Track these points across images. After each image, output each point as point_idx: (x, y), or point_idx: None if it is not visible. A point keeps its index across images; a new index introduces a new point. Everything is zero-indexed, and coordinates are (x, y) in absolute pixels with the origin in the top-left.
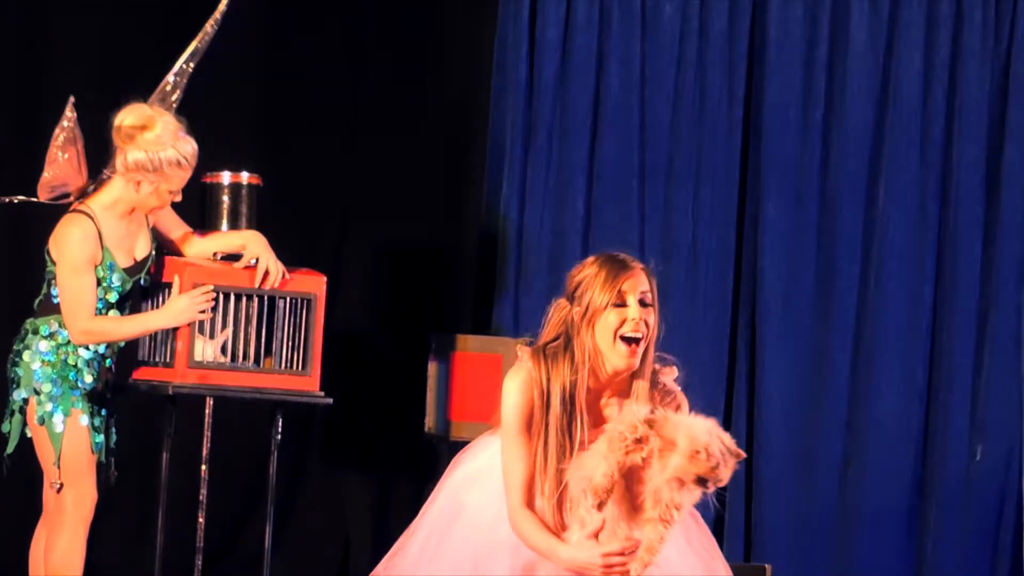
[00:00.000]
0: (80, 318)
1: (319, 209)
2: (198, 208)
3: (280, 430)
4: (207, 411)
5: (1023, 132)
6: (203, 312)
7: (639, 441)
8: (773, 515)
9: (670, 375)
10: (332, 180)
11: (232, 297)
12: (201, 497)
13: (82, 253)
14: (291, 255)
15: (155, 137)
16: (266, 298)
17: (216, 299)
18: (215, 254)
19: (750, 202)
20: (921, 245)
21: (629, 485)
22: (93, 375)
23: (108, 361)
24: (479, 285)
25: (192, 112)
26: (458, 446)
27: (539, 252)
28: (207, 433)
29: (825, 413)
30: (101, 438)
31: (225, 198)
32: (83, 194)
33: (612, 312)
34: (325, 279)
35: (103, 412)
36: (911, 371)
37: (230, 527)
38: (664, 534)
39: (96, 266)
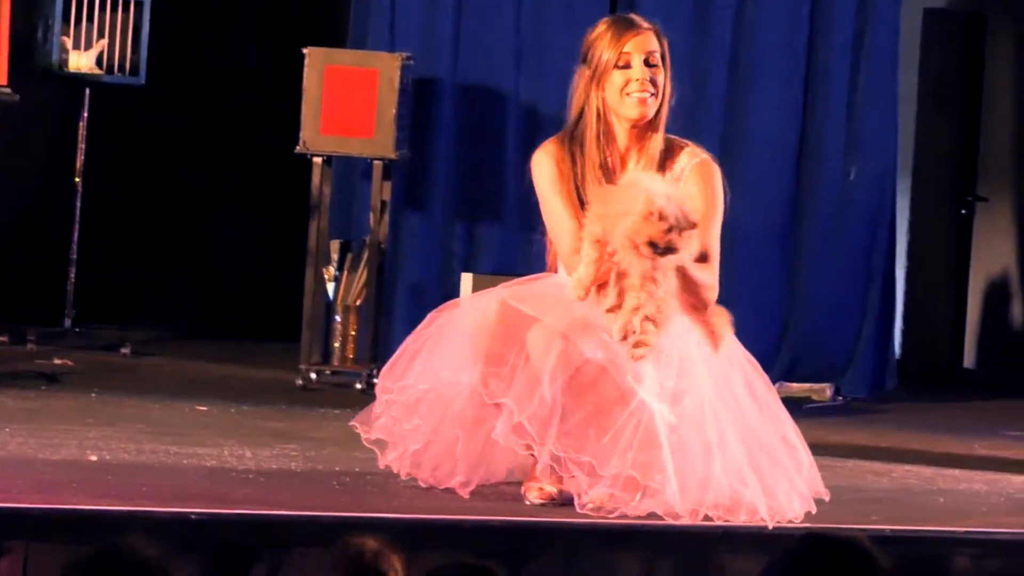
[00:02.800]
0: None
1: None
2: None
3: None
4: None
5: None
6: None
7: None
8: None
9: (699, 147)
10: None
11: None
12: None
13: None
14: None
15: None
16: None
17: None
18: None
19: None
20: None
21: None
22: None
23: None
24: None
25: None
26: (332, 161)
27: None
28: (82, 145)
29: (701, 129)
30: None
31: None
32: None
33: (617, 73)
34: None
35: None
36: (787, 89)
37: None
38: (641, 298)
39: None
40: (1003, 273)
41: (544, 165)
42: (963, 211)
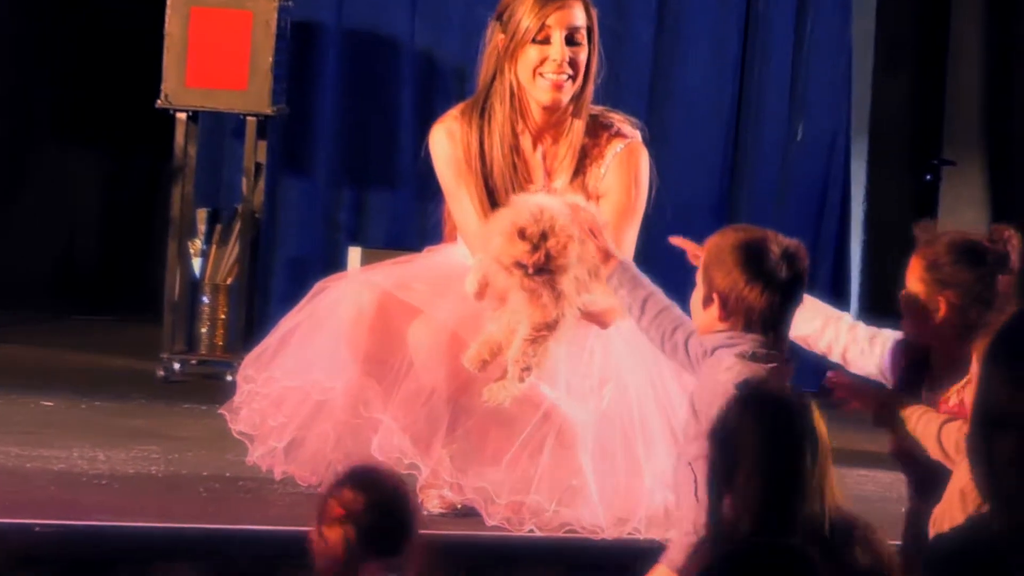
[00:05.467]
0: None
1: None
2: None
3: None
4: None
5: None
6: None
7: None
8: None
9: (626, 123)
10: None
11: None
12: None
13: None
14: None
15: None
16: None
17: None
18: None
19: None
20: None
21: None
22: None
23: None
24: None
25: None
26: (198, 117)
27: None
28: None
29: (624, 87)
30: None
31: None
32: None
33: (533, 48)
34: None
35: None
36: (722, 39)
37: None
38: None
39: None
40: None
41: (444, 147)
42: (927, 177)
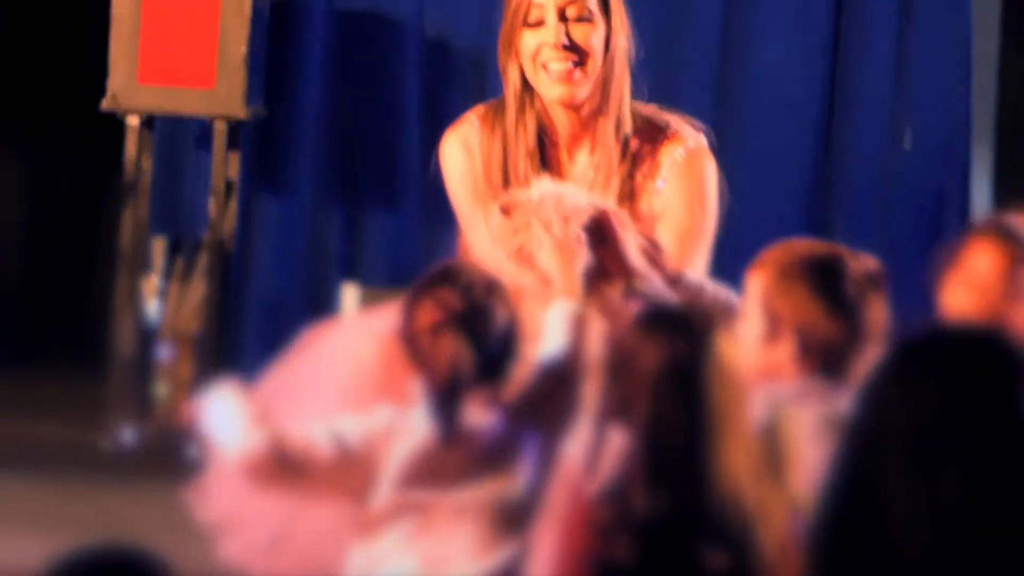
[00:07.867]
0: None
1: None
2: None
3: None
4: None
5: None
6: None
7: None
8: None
9: (685, 124)
10: None
11: None
12: None
13: None
14: None
15: None
16: None
17: None
18: None
19: None
20: None
21: None
22: None
23: None
24: None
25: None
26: (154, 123)
27: None
28: None
29: (684, 76)
30: None
31: None
32: None
33: (528, 33)
34: None
35: None
36: (808, 14)
37: None
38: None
39: None
40: None
41: (459, 161)
42: None
